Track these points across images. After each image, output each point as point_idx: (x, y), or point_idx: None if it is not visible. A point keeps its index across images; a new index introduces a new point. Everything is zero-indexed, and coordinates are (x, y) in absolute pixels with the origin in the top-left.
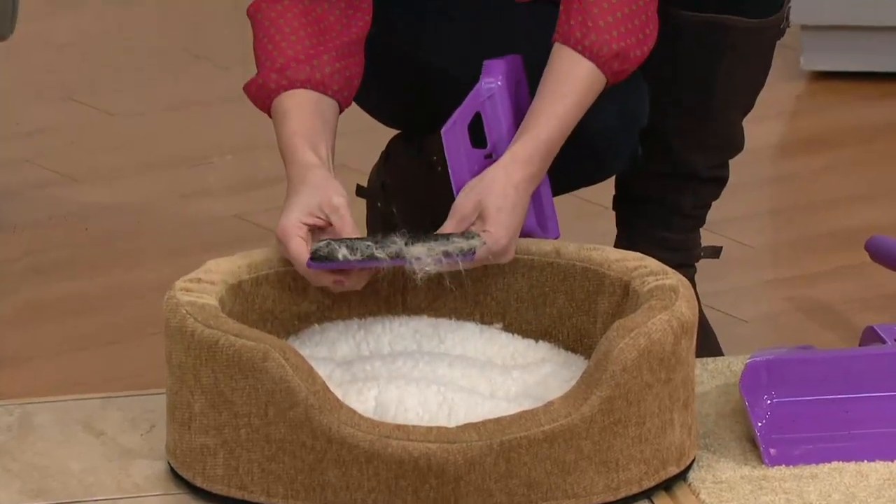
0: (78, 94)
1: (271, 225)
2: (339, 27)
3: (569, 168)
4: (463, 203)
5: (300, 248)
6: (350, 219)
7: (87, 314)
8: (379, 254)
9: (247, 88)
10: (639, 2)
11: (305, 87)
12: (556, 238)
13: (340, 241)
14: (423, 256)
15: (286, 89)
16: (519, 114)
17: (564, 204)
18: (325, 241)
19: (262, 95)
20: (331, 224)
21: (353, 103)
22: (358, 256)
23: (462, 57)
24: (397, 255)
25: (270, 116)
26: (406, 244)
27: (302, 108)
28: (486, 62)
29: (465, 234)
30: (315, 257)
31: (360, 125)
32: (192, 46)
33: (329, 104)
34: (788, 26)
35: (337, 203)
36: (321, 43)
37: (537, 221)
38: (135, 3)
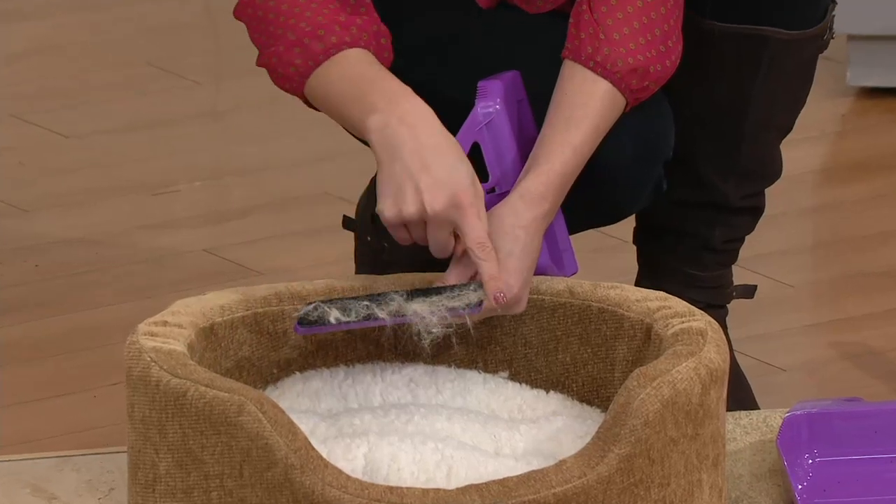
0: (27, 113)
1: (246, 260)
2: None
3: (582, 205)
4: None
5: (482, 228)
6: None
7: (38, 362)
8: (379, 313)
9: (272, 58)
10: (659, 10)
11: (358, 47)
12: (573, 274)
13: (331, 301)
14: (425, 314)
15: (336, 50)
16: (523, 138)
17: (578, 236)
18: (313, 304)
19: (304, 58)
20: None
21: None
22: (353, 318)
23: (460, 74)
24: (397, 313)
25: (303, 94)
26: (406, 300)
27: (365, 62)
28: (480, 83)
29: (471, 284)
30: (304, 322)
31: (346, 147)
32: (157, 59)
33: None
34: (833, 37)
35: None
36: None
37: (551, 256)
38: (93, 10)
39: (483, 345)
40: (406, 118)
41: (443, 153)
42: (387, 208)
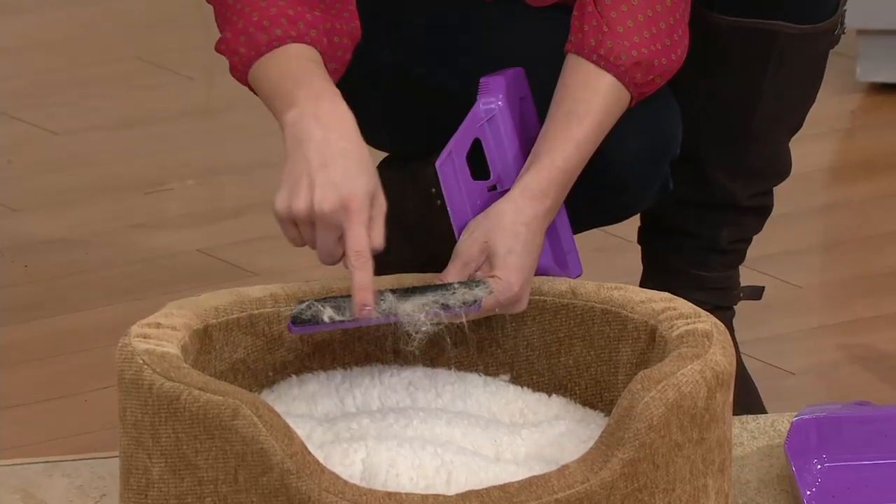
0: (15, 109)
1: (240, 261)
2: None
3: (585, 204)
4: (466, 245)
5: (364, 236)
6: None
7: (28, 365)
8: (372, 312)
9: (222, 44)
10: (665, 3)
11: (301, 42)
12: (577, 276)
13: (324, 300)
14: (419, 312)
15: (280, 43)
16: (525, 135)
17: (580, 235)
18: (306, 303)
19: (248, 48)
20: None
21: None
22: (346, 317)
23: (461, 68)
24: (391, 312)
25: (247, 81)
26: (399, 298)
27: (303, 58)
28: (482, 79)
29: (470, 282)
30: (297, 321)
31: None
32: (148, 54)
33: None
34: (843, 32)
35: (382, 213)
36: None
37: (554, 257)
38: (83, 4)
39: (484, 347)
40: (322, 117)
41: (347, 157)
42: (278, 201)
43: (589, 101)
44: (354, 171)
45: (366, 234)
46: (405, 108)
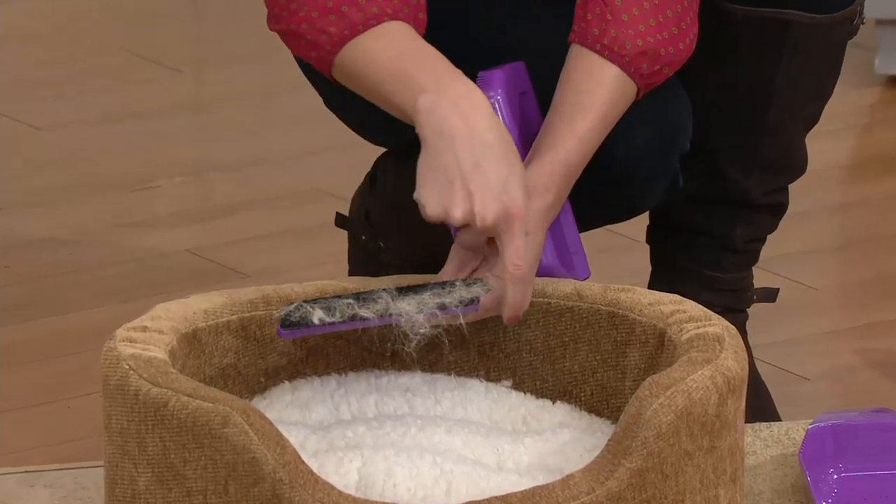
0: None
1: (231, 261)
2: None
3: (591, 201)
4: (465, 242)
5: (525, 254)
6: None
7: (8, 370)
8: (364, 313)
9: (302, 23)
10: None
11: (398, 20)
12: (585, 278)
13: (314, 301)
14: (415, 312)
15: (377, 21)
16: (527, 131)
17: (585, 235)
18: (294, 305)
19: (340, 27)
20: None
21: (331, 113)
22: (337, 318)
23: (464, 61)
24: (385, 313)
25: (331, 65)
26: (394, 298)
27: (408, 37)
28: (480, 73)
29: (468, 281)
30: (286, 324)
31: (339, 141)
32: (136, 46)
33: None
34: (862, 22)
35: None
36: None
37: (559, 258)
38: None
39: (485, 351)
40: (459, 103)
41: (497, 154)
42: (431, 204)
43: (593, 93)
44: (510, 171)
45: (525, 245)
46: None
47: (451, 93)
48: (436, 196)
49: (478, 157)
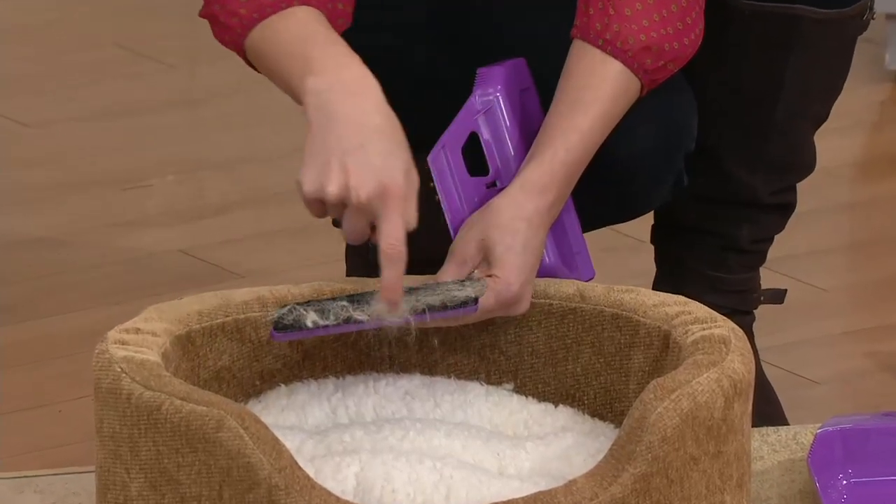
0: None
1: (224, 262)
2: None
3: (594, 200)
4: (463, 242)
5: (401, 230)
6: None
7: None
8: (358, 315)
9: (216, 5)
10: None
11: (308, 5)
12: (589, 279)
13: (307, 304)
14: (411, 315)
15: (287, 5)
16: (527, 130)
17: (588, 234)
18: (288, 307)
19: (250, 9)
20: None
21: None
22: (331, 321)
23: (464, 56)
24: (380, 315)
25: (243, 47)
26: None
27: (314, 21)
28: (480, 70)
29: (464, 282)
30: (279, 327)
31: None
32: (127, 41)
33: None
34: (873, 17)
35: (415, 192)
36: None
37: (562, 258)
38: None
39: (485, 354)
40: (350, 86)
41: (383, 136)
42: (308, 181)
43: (595, 89)
44: (391, 151)
45: (402, 224)
46: (403, 97)
47: (342, 76)
48: (314, 174)
49: (363, 138)
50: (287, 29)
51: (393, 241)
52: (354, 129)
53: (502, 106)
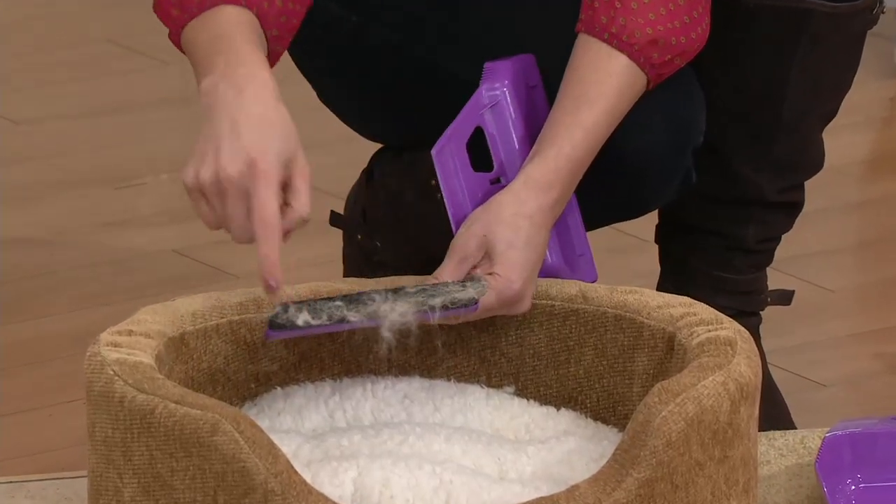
0: None
1: (219, 262)
2: None
3: (599, 198)
4: (463, 239)
5: (272, 201)
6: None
7: None
8: (352, 316)
9: (160, 4)
10: None
11: (237, 4)
12: (592, 281)
13: (301, 303)
14: (408, 315)
15: (212, 5)
16: (534, 127)
17: (592, 233)
18: (281, 306)
19: (181, 9)
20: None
21: (325, 107)
22: (324, 320)
23: (467, 50)
24: (374, 315)
25: (179, 43)
26: (387, 300)
27: (234, 22)
28: (487, 64)
29: (466, 280)
30: (273, 325)
31: (333, 136)
32: (119, 36)
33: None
34: (883, 11)
35: (305, 180)
36: None
37: (564, 258)
38: None
39: (486, 356)
40: (239, 83)
41: (261, 121)
42: (185, 172)
43: (600, 84)
44: (266, 134)
45: (275, 200)
46: (403, 92)
47: (236, 74)
48: (191, 164)
49: (238, 124)
50: (206, 30)
51: (263, 215)
52: (232, 119)
53: (509, 101)
